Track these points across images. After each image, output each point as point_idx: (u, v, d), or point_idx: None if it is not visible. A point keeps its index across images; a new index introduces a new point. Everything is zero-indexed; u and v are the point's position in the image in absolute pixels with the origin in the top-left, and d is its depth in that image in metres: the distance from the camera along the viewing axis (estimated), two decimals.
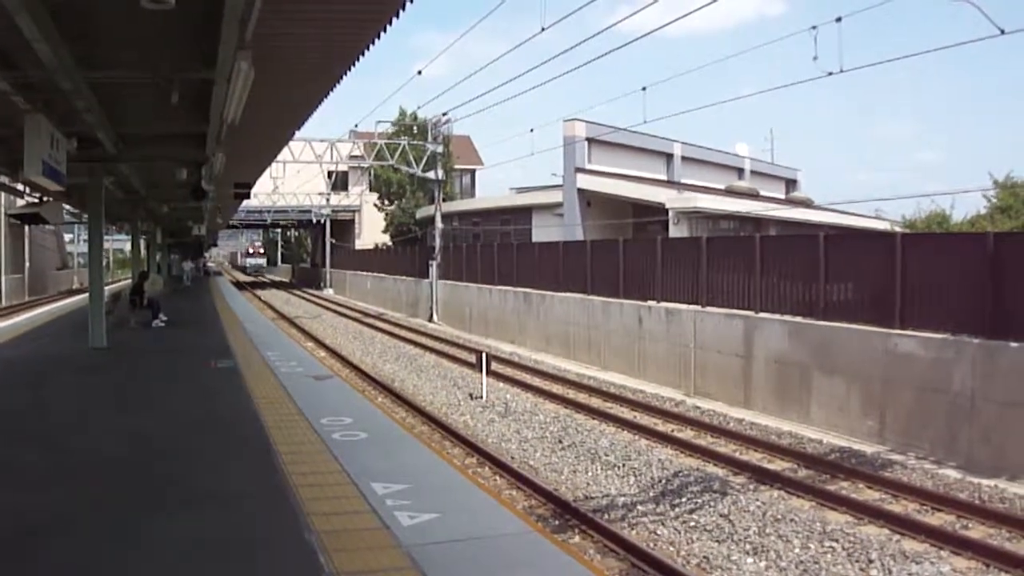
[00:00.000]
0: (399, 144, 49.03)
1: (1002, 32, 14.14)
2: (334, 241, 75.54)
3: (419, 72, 52.17)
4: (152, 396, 13.90)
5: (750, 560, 10.29)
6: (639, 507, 12.33)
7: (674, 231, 34.68)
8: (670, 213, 35.81)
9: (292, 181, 59.66)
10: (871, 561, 10.08)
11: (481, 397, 20.50)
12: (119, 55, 11.71)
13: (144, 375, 16.32)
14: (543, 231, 44.67)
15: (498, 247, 38.19)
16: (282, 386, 14.68)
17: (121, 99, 14.48)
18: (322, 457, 9.52)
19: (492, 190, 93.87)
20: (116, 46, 11.42)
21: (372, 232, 72.64)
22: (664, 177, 48.58)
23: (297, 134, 23.67)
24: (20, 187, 24.67)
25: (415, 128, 56.31)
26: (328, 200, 70.52)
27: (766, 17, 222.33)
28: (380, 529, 6.98)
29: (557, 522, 11.58)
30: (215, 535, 6.87)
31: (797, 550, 10.52)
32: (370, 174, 67.60)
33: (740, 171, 56.88)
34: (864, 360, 16.75)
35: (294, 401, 13.12)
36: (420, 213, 60.56)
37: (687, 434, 17.03)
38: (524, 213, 50.11)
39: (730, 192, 46.72)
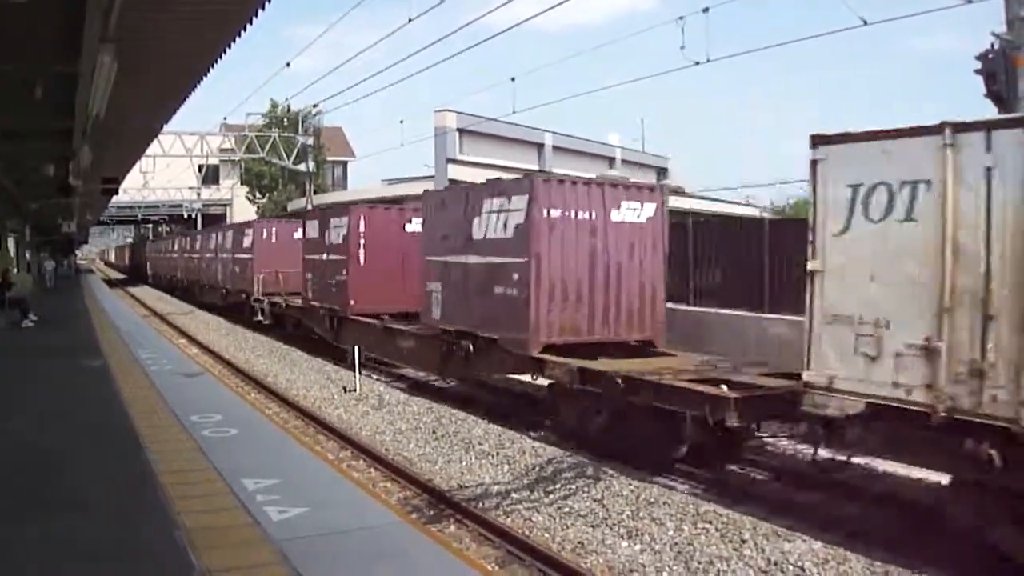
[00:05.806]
0: (270, 136, 48.33)
1: (864, 23, 14.51)
2: None
3: (287, 64, 50.81)
4: (19, 397, 13.57)
5: (624, 544, 10.47)
6: (514, 495, 12.46)
7: None
8: None
9: (162, 175, 58.16)
10: (744, 541, 10.30)
11: (355, 390, 20.42)
12: None
13: (11, 376, 15.84)
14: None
15: None
16: (152, 384, 14.46)
17: None
18: (192, 455, 9.44)
19: (365, 182, 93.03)
20: None
21: None
22: (536, 167, 48.85)
23: (166, 127, 23.16)
24: None
25: (286, 120, 55.55)
26: (199, 194, 69.08)
27: (638, 11, 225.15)
28: (250, 525, 6.99)
29: (432, 512, 11.65)
30: (84, 536, 6.78)
31: (671, 532, 10.69)
32: (241, 167, 66.46)
33: (611, 160, 57.67)
34: (736, 343, 17.12)
35: (164, 399, 12.95)
36: (292, 206, 59.74)
37: None
38: (395, 204, 49.71)
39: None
